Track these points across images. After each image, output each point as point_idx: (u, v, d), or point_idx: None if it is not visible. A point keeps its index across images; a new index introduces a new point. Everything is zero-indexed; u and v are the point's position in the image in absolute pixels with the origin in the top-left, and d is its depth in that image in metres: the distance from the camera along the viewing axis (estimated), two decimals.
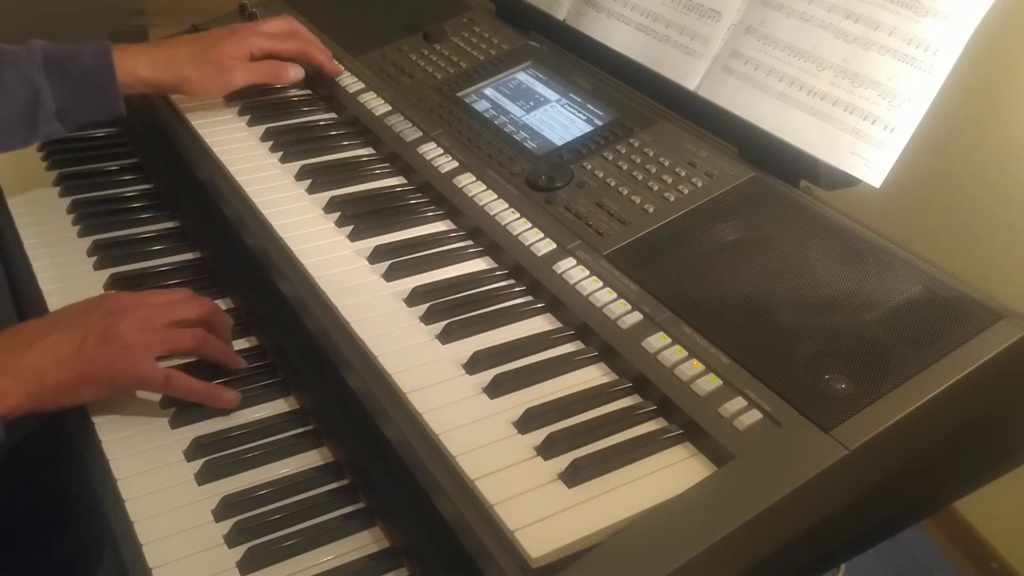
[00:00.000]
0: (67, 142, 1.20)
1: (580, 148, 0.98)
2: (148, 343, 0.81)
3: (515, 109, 1.07)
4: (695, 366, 0.73)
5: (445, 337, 0.80)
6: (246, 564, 0.70)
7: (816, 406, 0.68)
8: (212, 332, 0.85)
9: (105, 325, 0.80)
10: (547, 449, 0.68)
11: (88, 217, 1.08)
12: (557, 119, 1.04)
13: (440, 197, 0.97)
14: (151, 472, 0.78)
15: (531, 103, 1.07)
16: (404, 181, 1.03)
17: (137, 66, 1.03)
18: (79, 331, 0.80)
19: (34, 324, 0.82)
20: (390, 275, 0.87)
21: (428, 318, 0.82)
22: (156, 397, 0.85)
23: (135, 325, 0.81)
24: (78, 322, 0.81)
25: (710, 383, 0.71)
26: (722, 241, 0.83)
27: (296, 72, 1.14)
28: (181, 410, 0.83)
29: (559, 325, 0.82)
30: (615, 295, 0.80)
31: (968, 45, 0.81)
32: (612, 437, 0.70)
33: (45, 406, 0.78)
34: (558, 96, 1.07)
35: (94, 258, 1.01)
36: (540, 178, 0.94)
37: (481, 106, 1.08)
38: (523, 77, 1.12)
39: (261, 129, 1.11)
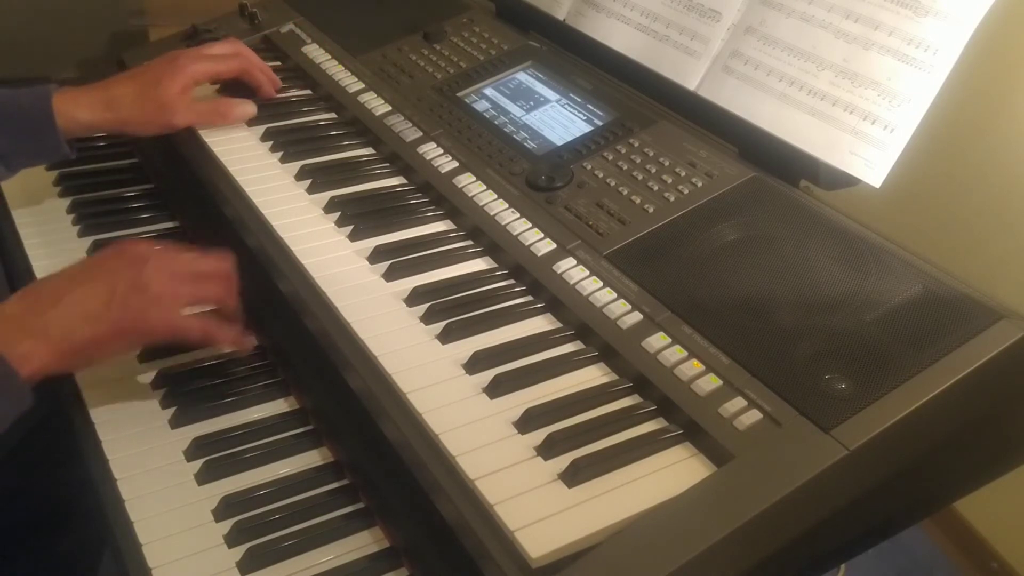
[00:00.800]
0: None
1: (580, 148, 0.98)
2: (177, 293, 0.79)
3: (515, 109, 1.07)
4: (695, 366, 0.73)
5: (445, 337, 0.80)
6: (246, 564, 0.70)
7: (816, 406, 0.68)
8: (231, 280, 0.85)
9: (132, 276, 0.78)
10: (547, 449, 0.68)
11: (88, 217, 1.08)
12: (557, 119, 1.04)
13: (440, 197, 0.97)
14: (151, 472, 0.78)
15: (531, 103, 1.07)
16: (404, 181, 1.03)
17: (77, 110, 1.01)
18: (105, 284, 0.77)
19: (54, 280, 0.79)
20: (390, 275, 0.87)
21: (428, 318, 0.82)
22: (156, 397, 0.85)
23: (163, 275, 0.79)
24: (103, 274, 0.78)
25: (710, 383, 0.71)
26: (722, 241, 0.83)
27: (245, 109, 1.11)
28: (181, 410, 0.83)
29: (559, 325, 0.82)
30: (615, 295, 0.80)
31: (968, 45, 0.81)
32: (612, 437, 0.70)
33: (75, 364, 0.77)
34: (558, 96, 1.07)
35: None
36: (540, 178, 0.94)
37: (481, 106, 1.08)
38: (523, 77, 1.12)
39: (261, 129, 1.11)
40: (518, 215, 0.91)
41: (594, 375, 0.77)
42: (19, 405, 0.73)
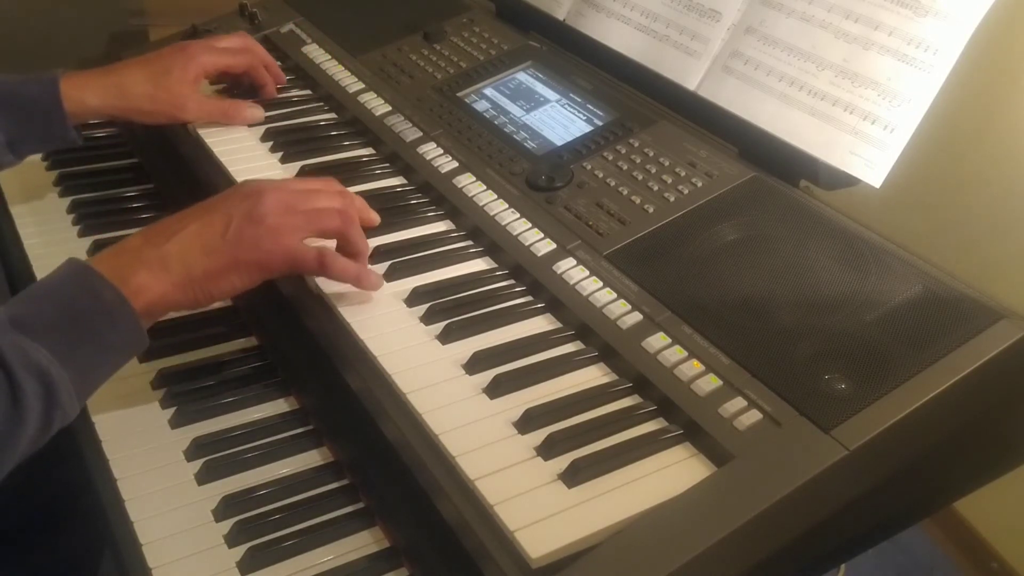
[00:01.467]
0: None
1: (580, 148, 0.98)
2: (294, 225, 0.79)
3: (515, 109, 1.07)
4: (695, 366, 0.73)
5: (445, 337, 0.80)
6: (246, 564, 0.70)
7: (816, 406, 0.68)
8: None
9: (247, 208, 0.78)
10: (547, 449, 0.68)
11: (88, 217, 1.08)
12: (557, 119, 1.04)
13: (440, 197, 0.97)
14: (151, 472, 0.78)
15: (531, 103, 1.07)
16: (404, 181, 1.03)
17: (86, 96, 1.01)
18: (221, 216, 0.78)
19: (171, 218, 0.79)
20: (390, 275, 0.87)
21: (428, 318, 0.82)
22: (156, 397, 0.85)
23: (278, 207, 0.79)
24: (219, 207, 0.79)
25: (710, 383, 0.71)
26: (722, 241, 0.83)
27: (253, 112, 1.11)
28: (181, 410, 0.83)
29: (559, 325, 0.82)
30: (615, 295, 0.80)
31: (968, 45, 0.81)
32: (612, 437, 0.70)
33: (195, 298, 0.77)
34: (558, 96, 1.07)
35: None
36: (540, 178, 0.94)
37: (481, 106, 1.08)
38: (523, 77, 1.12)
39: (261, 129, 1.11)
40: (518, 215, 0.91)
41: (594, 375, 0.77)
42: (133, 339, 0.73)
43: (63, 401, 0.67)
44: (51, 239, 1.05)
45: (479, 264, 0.90)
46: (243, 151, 1.07)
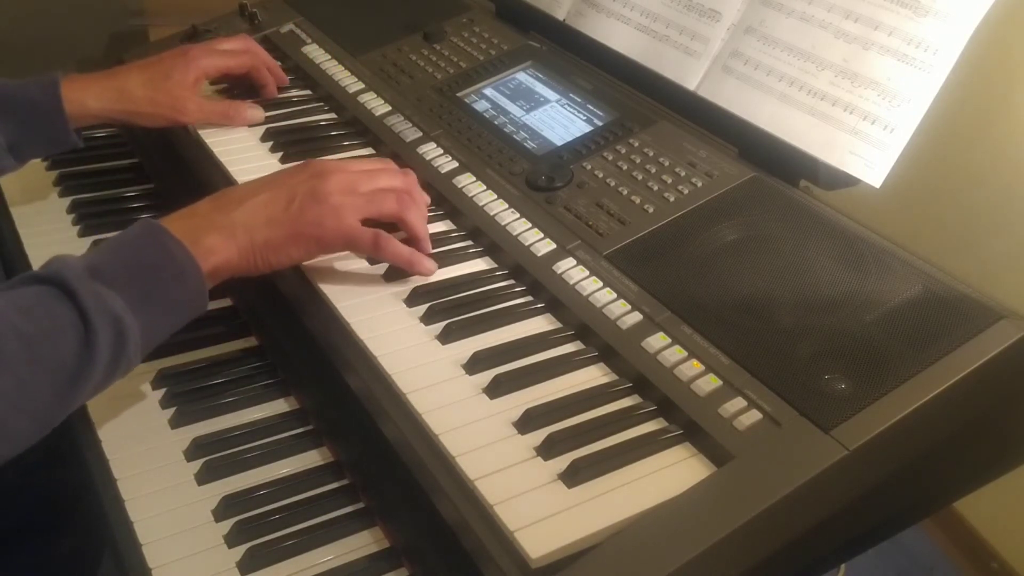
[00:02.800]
0: None
1: (580, 148, 0.98)
2: (354, 205, 0.83)
3: (515, 109, 1.07)
4: (695, 366, 0.73)
5: (445, 337, 0.80)
6: (246, 564, 0.70)
7: (816, 406, 0.68)
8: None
9: (311, 186, 0.82)
10: (547, 449, 0.68)
11: (88, 217, 1.08)
12: (557, 119, 1.04)
13: (440, 197, 0.97)
14: (151, 472, 0.78)
15: (531, 103, 1.07)
16: None
17: (87, 99, 1.01)
18: (286, 191, 0.82)
19: (241, 187, 0.85)
20: (390, 275, 0.87)
21: (428, 318, 0.82)
22: (156, 397, 0.85)
23: (340, 187, 0.83)
24: (285, 182, 0.83)
25: (710, 383, 0.71)
26: (722, 241, 0.83)
27: (254, 113, 1.12)
28: (181, 410, 0.83)
29: (559, 325, 0.82)
30: (615, 295, 0.80)
31: (968, 45, 0.81)
32: (612, 437, 0.70)
33: (255, 265, 0.81)
34: (558, 96, 1.07)
35: None
36: (540, 178, 0.94)
37: (481, 106, 1.08)
38: (523, 77, 1.12)
39: (261, 129, 1.11)
40: (518, 215, 0.91)
41: (594, 375, 0.77)
42: (197, 298, 0.76)
43: (130, 350, 0.71)
44: (51, 239, 1.05)
45: (479, 264, 0.90)
46: (243, 151, 1.07)
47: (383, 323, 0.81)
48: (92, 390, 0.70)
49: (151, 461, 0.79)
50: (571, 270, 0.84)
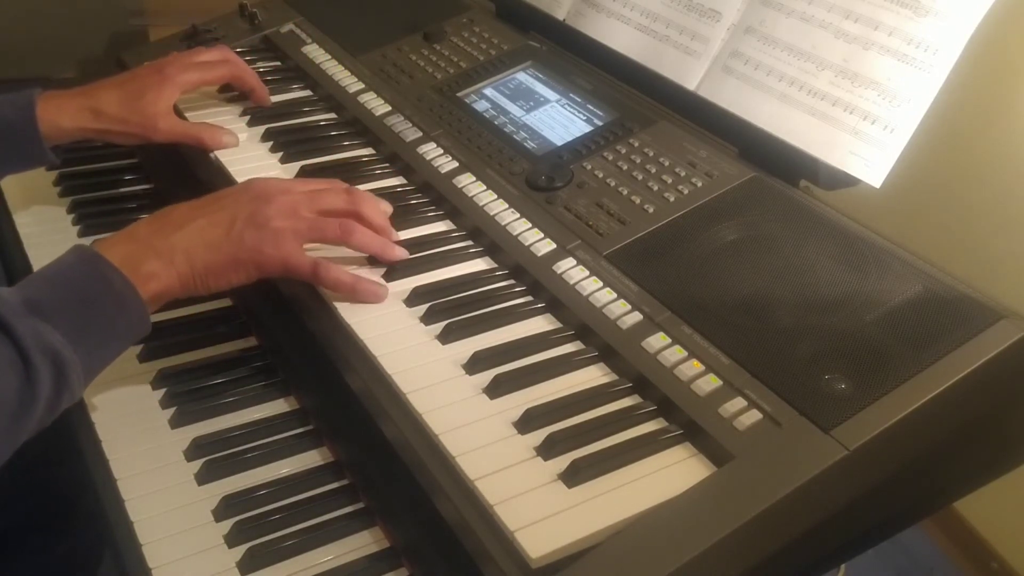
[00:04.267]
0: None
1: (580, 148, 0.98)
2: (295, 230, 0.82)
3: (515, 109, 1.07)
4: (695, 366, 0.73)
5: (445, 337, 0.80)
6: (246, 564, 0.70)
7: (816, 406, 0.68)
8: (362, 223, 0.86)
9: (252, 209, 0.81)
10: (547, 449, 0.68)
11: (88, 217, 1.08)
12: (557, 119, 1.04)
13: (440, 197, 0.97)
14: (151, 472, 0.78)
15: (531, 103, 1.07)
16: (404, 181, 1.03)
17: (61, 119, 1.00)
18: (227, 215, 0.80)
19: (181, 208, 0.82)
20: (390, 275, 0.87)
21: (428, 318, 0.82)
22: (156, 397, 0.85)
23: (282, 211, 0.81)
24: (226, 206, 0.81)
25: (710, 383, 0.71)
26: (722, 241, 0.83)
27: (228, 139, 1.08)
28: (181, 410, 0.83)
29: (559, 325, 0.82)
30: (615, 295, 0.80)
31: (968, 45, 0.81)
32: (612, 437, 0.70)
33: (195, 289, 0.80)
34: (558, 96, 1.07)
35: None
36: (540, 178, 0.94)
37: (481, 106, 1.08)
38: (523, 77, 1.12)
39: (261, 129, 1.11)
40: (518, 215, 0.91)
41: (594, 375, 0.77)
42: (138, 325, 0.76)
43: (72, 383, 0.70)
44: (51, 239, 1.05)
45: (479, 264, 0.90)
46: (243, 151, 1.07)
47: (383, 323, 0.81)
48: (36, 425, 0.69)
49: (151, 461, 0.79)
50: (571, 270, 0.84)
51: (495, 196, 0.94)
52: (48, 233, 1.06)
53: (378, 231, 0.87)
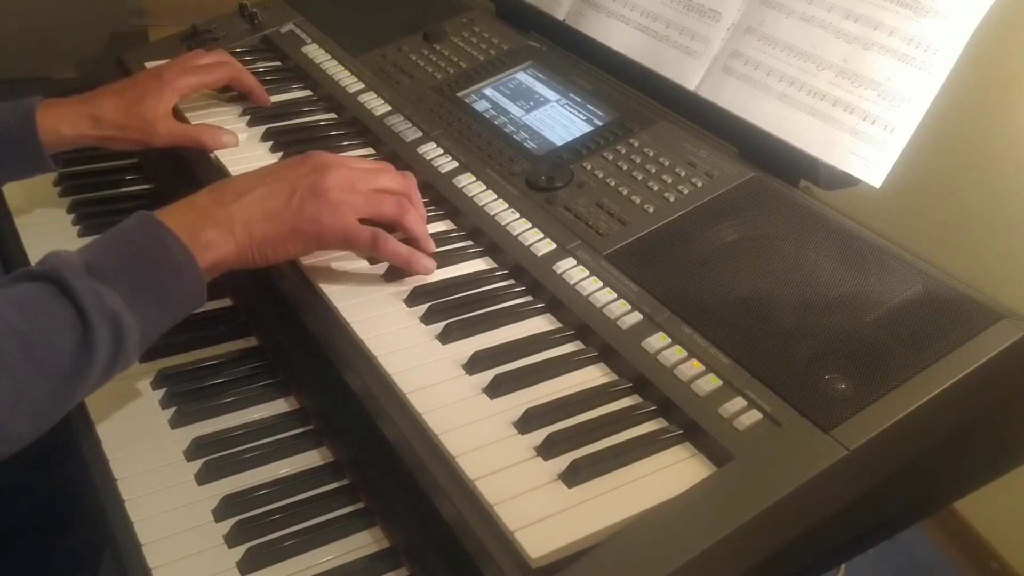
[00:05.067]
0: None
1: (580, 148, 0.98)
2: (353, 203, 0.82)
3: (515, 109, 1.07)
4: (695, 366, 0.73)
5: (445, 337, 0.80)
6: (246, 564, 0.70)
7: (816, 406, 0.68)
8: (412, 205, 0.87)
9: (312, 181, 0.82)
10: (547, 449, 0.68)
11: (88, 217, 1.08)
12: (557, 119, 1.04)
13: (440, 197, 0.97)
14: (151, 472, 0.78)
15: (531, 103, 1.07)
16: None
17: (61, 127, 1.01)
18: (286, 185, 0.81)
19: (240, 178, 0.83)
20: (390, 275, 0.87)
21: (428, 318, 0.82)
22: (156, 397, 0.85)
23: (341, 184, 0.82)
24: (285, 176, 0.82)
25: (710, 383, 0.71)
26: (722, 241, 0.83)
27: (228, 139, 1.08)
28: (181, 410, 0.83)
29: (559, 325, 0.82)
30: (615, 295, 0.80)
31: (968, 45, 0.81)
32: (612, 437, 0.70)
33: (252, 260, 0.81)
34: (558, 96, 1.07)
35: None
36: (540, 178, 0.94)
37: (481, 106, 1.08)
38: (523, 77, 1.12)
39: (261, 129, 1.11)
40: (518, 215, 0.91)
41: (594, 375, 0.77)
42: (195, 294, 0.76)
43: (128, 348, 0.71)
44: (51, 239, 1.05)
45: (479, 264, 0.90)
46: (243, 151, 1.07)
47: (383, 323, 0.81)
48: (90, 388, 0.70)
49: (151, 461, 0.79)
50: (571, 270, 0.84)
51: (495, 196, 0.94)
52: (48, 233, 1.06)
53: (421, 218, 0.89)
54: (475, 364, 0.77)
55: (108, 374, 0.71)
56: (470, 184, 0.96)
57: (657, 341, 0.75)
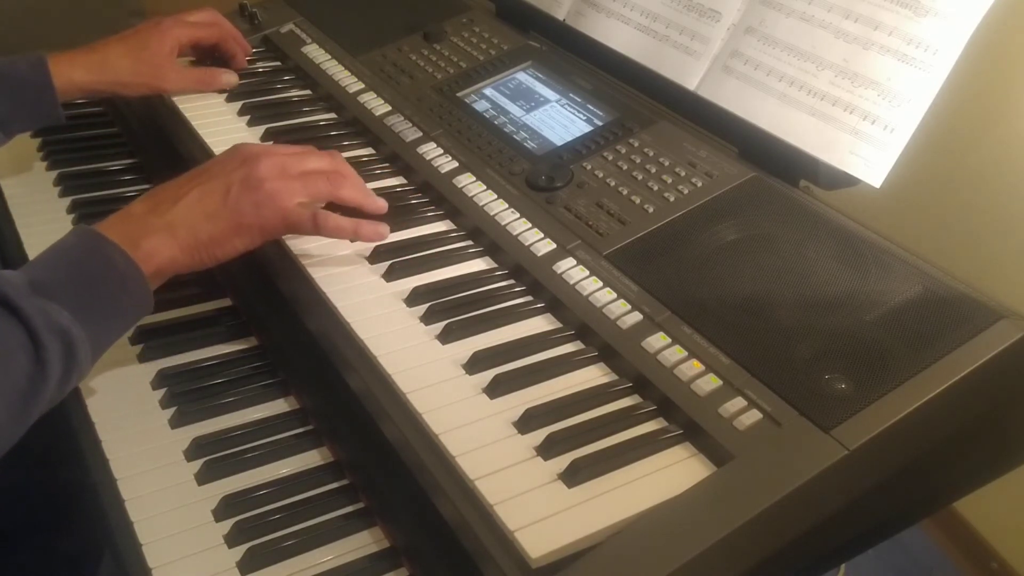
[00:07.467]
0: (67, 142, 1.21)
1: (580, 148, 0.98)
2: (289, 189, 0.83)
3: (515, 109, 1.07)
4: (695, 366, 0.73)
5: (445, 337, 0.80)
6: (246, 564, 0.70)
7: (816, 406, 0.68)
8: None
9: (244, 174, 0.82)
10: (547, 449, 0.68)
11: (88, 217, 1.08)
12: (557, 119, 1.04)
13: (440, 197, 0.97)
14: (151, 472, 0.78)
15: (531, 103, 1.07)
16: (404, 181, 1.03)
17: (74, 73, 1.04)
18: (220, 183, 0.82)
19: (173, 183, 0.83)
20: (390, 275, 0.87)
21: (428, 318, 0.82)
22: (156, 397, 0.85)
23: (273, 172, 0.83)
24: (216, 174, 0.83)
25: (710, 383, 0.71)
26: (722, 241, 0.83)
27: (228, 78, 1.17)
28: (181, 410, 0.83)
29: (559, 325, 0.82)
30: (615, 295, 0.80)
31: (968, 45, 0.81)
32: (612, 437, 0.70)
33: (201, 261, 0.81)
34: (558, 96, 1.07)
35: None
36: (540, 178, 0.94)
37: (481, 106, 1.08)
38: (523, 77, 1.12)
39: (261, 129, 1.11)
40: (518, 215, 0.91)
41: (594, 375, 0.77)
42: (142, 302, 0.77)
43: (81, 360, 0.70)
44: (51, 239, 1.02)
45: (479, 264, 0.90)
46: None
47: (383, 323, 0.81)
48: (47, 404, 0.70)
49: (151, 461, 0.79)
50: (571, 270, 0.84)
51: (495, 196, 0.94)
52: (48, 233, 1.04)
53: (356, 188, 0.90)
54: (475, 364, 0.77)
55: (63, 389, 0.71)
56: (470, 184, 0.96)
57: (657, 341, 0.75)
